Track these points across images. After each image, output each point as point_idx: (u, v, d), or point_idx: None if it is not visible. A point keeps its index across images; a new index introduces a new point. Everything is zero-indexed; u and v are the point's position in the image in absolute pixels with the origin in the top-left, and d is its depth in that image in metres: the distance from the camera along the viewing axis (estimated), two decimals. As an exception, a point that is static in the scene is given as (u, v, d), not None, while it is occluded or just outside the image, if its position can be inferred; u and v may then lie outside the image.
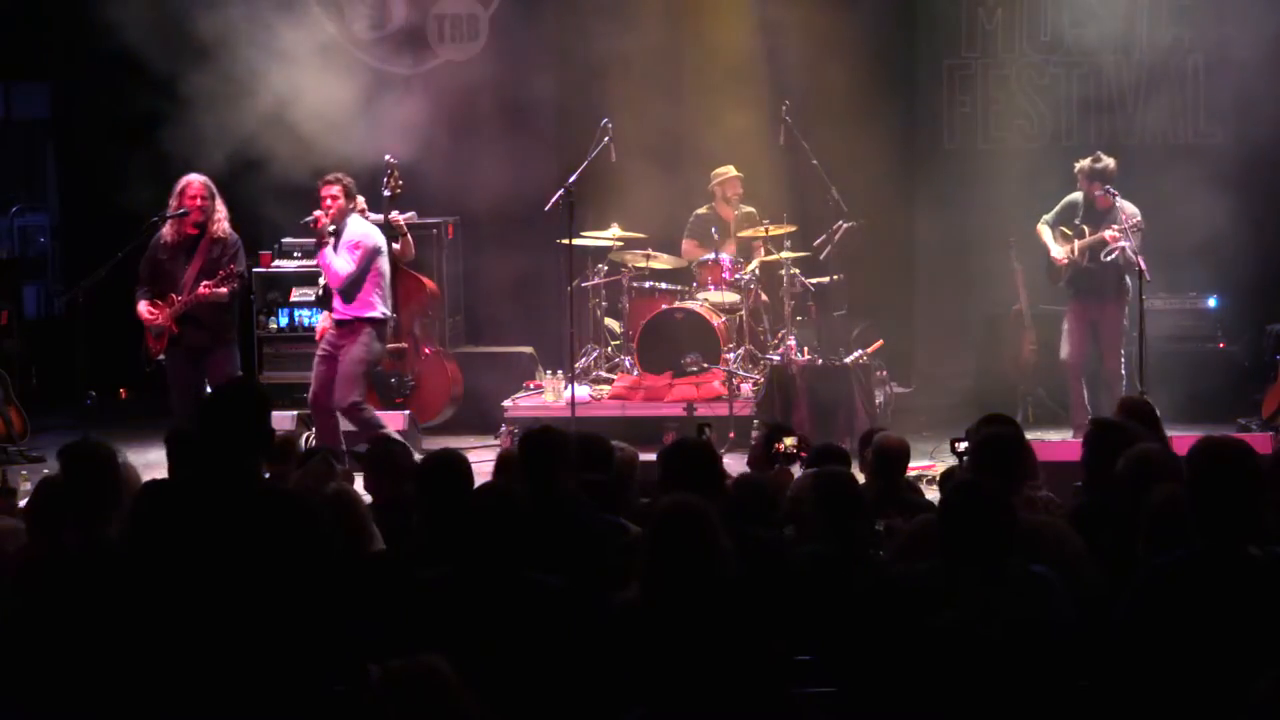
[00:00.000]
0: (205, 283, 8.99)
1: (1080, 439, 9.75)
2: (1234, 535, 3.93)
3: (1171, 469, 4.76)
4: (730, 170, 11.77)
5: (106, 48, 11.51)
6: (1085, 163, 10.24)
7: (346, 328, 9.51)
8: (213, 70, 11.28)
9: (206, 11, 11.47)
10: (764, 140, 11.55)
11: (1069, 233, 10.27)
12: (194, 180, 9.26)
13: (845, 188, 11.16)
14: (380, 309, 9.57)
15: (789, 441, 6.52)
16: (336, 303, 9.53)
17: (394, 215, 10.50)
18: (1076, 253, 10.19)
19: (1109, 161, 10.22)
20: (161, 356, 9.23)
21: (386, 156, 10.59)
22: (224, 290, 9.06)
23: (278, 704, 4.16)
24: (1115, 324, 10.22)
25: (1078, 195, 10.33)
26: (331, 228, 9.44)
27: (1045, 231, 10.39)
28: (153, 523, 4.42)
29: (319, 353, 9.60)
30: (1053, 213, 10.41)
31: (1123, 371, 10.24)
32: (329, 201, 9.48)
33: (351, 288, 9.47)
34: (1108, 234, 10.02)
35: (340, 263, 9.47)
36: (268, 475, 5.77)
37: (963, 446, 6.33)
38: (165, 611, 4.21)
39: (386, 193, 10.49)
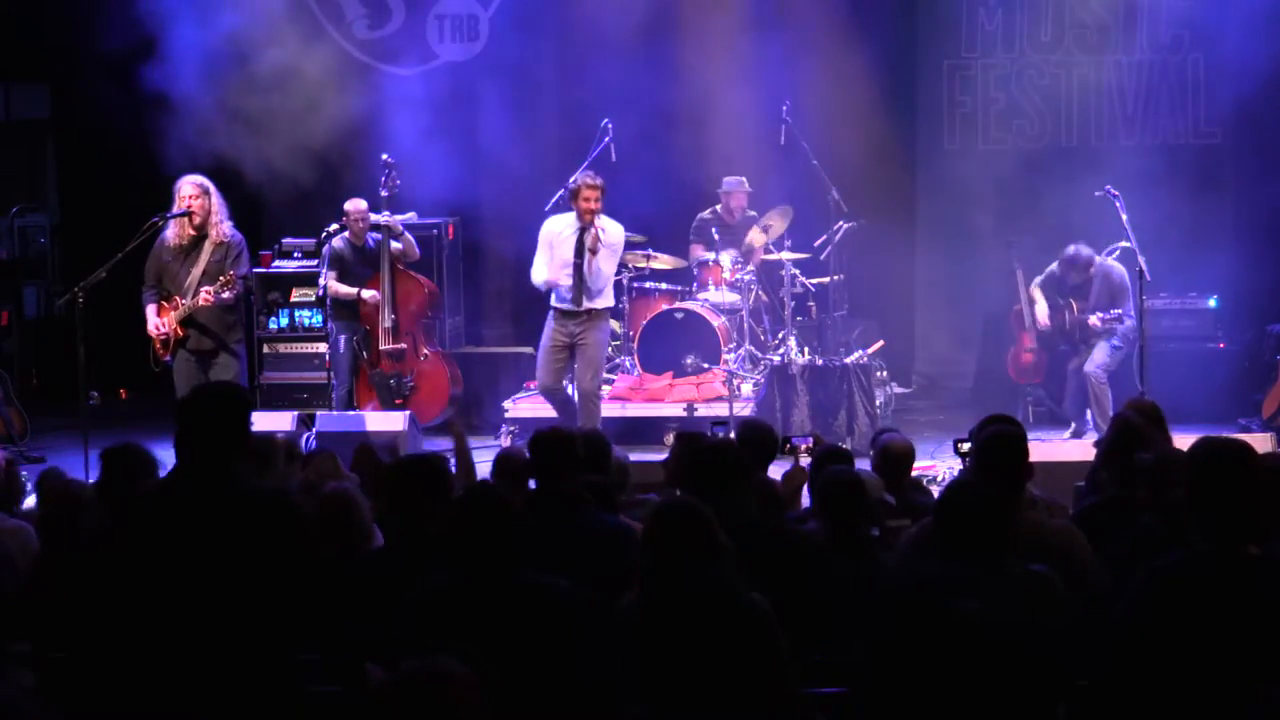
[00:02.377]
0: (206, 289, 8.98)
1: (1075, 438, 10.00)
2: (1234, 536, 3.93)
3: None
4: (743, 185, 11.74)
5: (106, 48, 11.50)
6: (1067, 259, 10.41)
7: (584, 316, 9.68)
8: (213, 71, 11.28)
9: (206, 12, 11.47)
10: (764, 140, 11.55)
11: (1060, 301, 10.57)
12: (188, 180, 9.27)
13: (845, 188, 11.16)
14: (613, 297, 9.99)
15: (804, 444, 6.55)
16: (577, 296, 9.66)
17: (385, 215, 10.51)
18: (1067, 325, 10.49)
19: (1078, 251, 10.38)
20: (168, 358, 9.25)
21: (384, 156, 10.60)
22: (227, 296, 9.06)
23: (251, 701, 4.16)
24: (1093, 346, 10.37)
25: (1058, 268, 10.52)
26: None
27: (1038, 294, 10.71)
28: (128, 522, 4.42)
29: (551, 343, 9.78)
30: (1042, 276, 10.71)
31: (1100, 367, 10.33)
32: (594, 204, 9.57)
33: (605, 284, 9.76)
34: (1092, 320, 10.26)
35: (609, 266, 9.74)
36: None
37: (966, 447, 6.32)
38: (138, 609, 4.21)
39: (384, 193, 10.49)
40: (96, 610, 4.35)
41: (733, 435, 6.64)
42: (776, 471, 6.47)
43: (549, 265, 9.78)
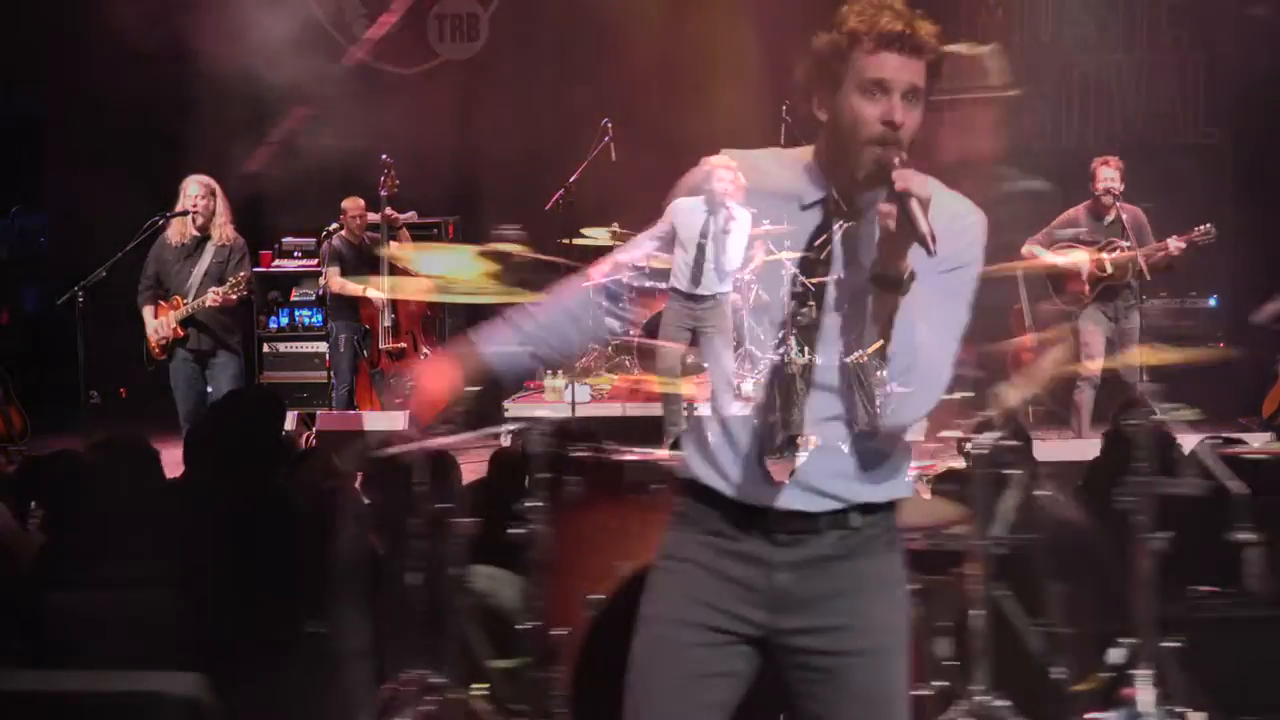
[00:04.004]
0: (214, 290, 9.02)
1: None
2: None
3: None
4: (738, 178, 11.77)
5: (105, 48, 11.51)
6: (1113, 164, 10.01)
7: (710, 300, 9.61)
8: (213, 71, 11.29)
9: (206, 11, 11.48)
10: (764, 140, 11.54)
11: (1080, 242, 10.05)
12: (195, 179, 9.28)
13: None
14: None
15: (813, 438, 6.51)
16: (713, 281, 9.60)
17: (390, 213, 10.51)
18: (1111, 268, 9.88)
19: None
20: (164, 357, 9.26)
21: (382, 156, 10.61)
22: (235, 298, 9.11)
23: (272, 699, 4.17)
24: (1136, 323, 10.08)
25: (1078, 210, 10.14)
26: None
27: (1040, 251, 10.06)
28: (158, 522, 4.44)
29: (672, 325, 9.67)
30: (1043, 233, 10.19)
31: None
32: (728, 184, 9.52)
33: None
34: (1172, 245, 9.73)
35: (738, 251, 9.55)
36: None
37: (969, 448, 6.29)
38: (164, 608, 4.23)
39: (383, 192, 10.50)
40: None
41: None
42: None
43: (654, 241, 9.76)
